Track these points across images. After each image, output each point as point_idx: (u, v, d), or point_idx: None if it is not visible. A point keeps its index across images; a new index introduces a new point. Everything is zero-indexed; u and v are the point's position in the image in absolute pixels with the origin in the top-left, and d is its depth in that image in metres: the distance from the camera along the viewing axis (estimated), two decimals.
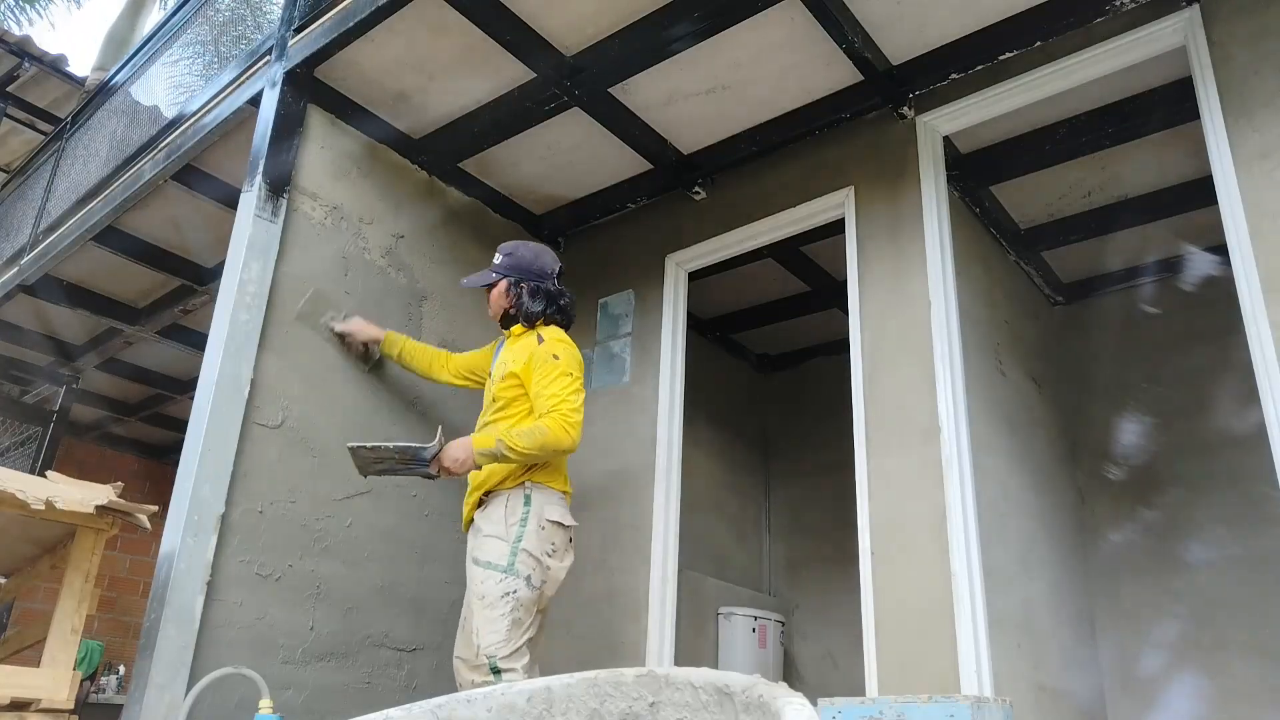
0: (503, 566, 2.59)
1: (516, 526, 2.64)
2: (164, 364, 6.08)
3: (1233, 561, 3.82)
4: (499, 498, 2.72)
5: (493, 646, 2.50)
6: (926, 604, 2.73)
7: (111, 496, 2.50)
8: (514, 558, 2.60)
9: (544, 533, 2.65)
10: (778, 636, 4.60)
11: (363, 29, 3.14)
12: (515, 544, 2.62)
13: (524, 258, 2.95)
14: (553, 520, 2.68)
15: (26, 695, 2.35)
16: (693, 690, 1.17)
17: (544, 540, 2.65)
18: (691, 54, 3.17)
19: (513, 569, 2.58)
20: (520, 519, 2.65)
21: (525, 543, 2.61)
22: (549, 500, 2.71)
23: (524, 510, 2.66)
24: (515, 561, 2.59)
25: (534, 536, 2.63)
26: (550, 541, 2.66)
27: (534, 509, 2.67)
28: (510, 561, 2.59)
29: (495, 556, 2.61)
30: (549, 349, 2.74)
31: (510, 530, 2.64)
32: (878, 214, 3.32)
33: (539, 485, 2.71)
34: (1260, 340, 2.40)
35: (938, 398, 2.93)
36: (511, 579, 2.57)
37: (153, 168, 4.07)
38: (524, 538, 2.62)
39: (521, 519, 2.65)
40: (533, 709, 1.35)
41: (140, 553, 6.89)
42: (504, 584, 2.56)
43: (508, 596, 2.55)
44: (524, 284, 2.91)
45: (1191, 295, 4.22)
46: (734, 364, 5.53)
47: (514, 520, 2.65)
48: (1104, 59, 2.96)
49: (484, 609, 2.56)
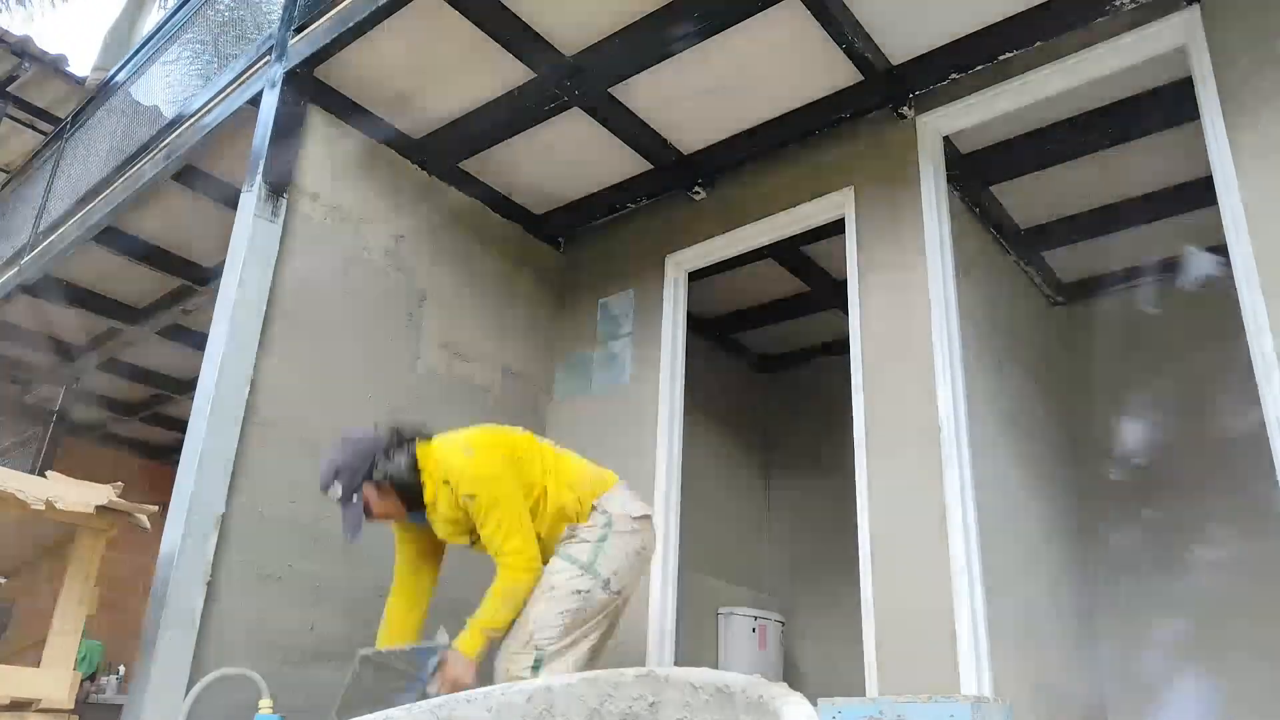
0: (584, 563, 2.48)
1: (601, 528, 2.53)
2: (164, 364, 6.08)
3: (1233, 561, 3.82)
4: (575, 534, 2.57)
5: (545, 634, 2.38)
6: (926, 604, 2.73)
7: (111, 496, 2.50)
8: (597, 556, 2.49)
9: (635, 536, 2.55)
10: (778, 636, 4.60)
11: (363, 29, 3.14)
12: (600, 543, 2.51)
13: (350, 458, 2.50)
14: (639, 515, 2.59)
15: (26, 695, 2.35)
16: (693, 690, 1.17)
17: (634, 542, 2.55)
18: (691, 54, 3.17)
19: (593, 569, 2.47)
20: (606, 521, 2.54)
21: (610, 545, 2.50)
22: (625, 499, 2.61)
23: (607, 516, 2.55)
24: (597, 561, 2.48)
25: (623, 540, 2.53)
26: (641, 540, 2.57)
27: (615, 513, 2.57)
28: (591, 560, 2.48)
29: (578, 552, 2.51)
30: (462, 491, 2.45)
31: (594, 532, 2.53)
32: (878, 214, 3.32)
33: (607, 494, 2.60)
34: (1260, 340, 2.40)
35: (938, 398, 2.93)
36: (587, 577, 2.46)
37: (153, 168, 4.07)
38: (610, 538, 2.51)
39: (607, 521, 2.54)
40: (533, 709, 1.35)
41: (140, 553, 6.86)
42: (578, 580, 2.45)
43: (579, 594, 2.44)
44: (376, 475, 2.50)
45: (1191, 295, 4.22)
46: (734, 364, 5.53)
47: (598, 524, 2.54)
48: (1104, 59, 2.96)
49: (544, 597, 2.43)
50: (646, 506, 2.66)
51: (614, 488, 2.66)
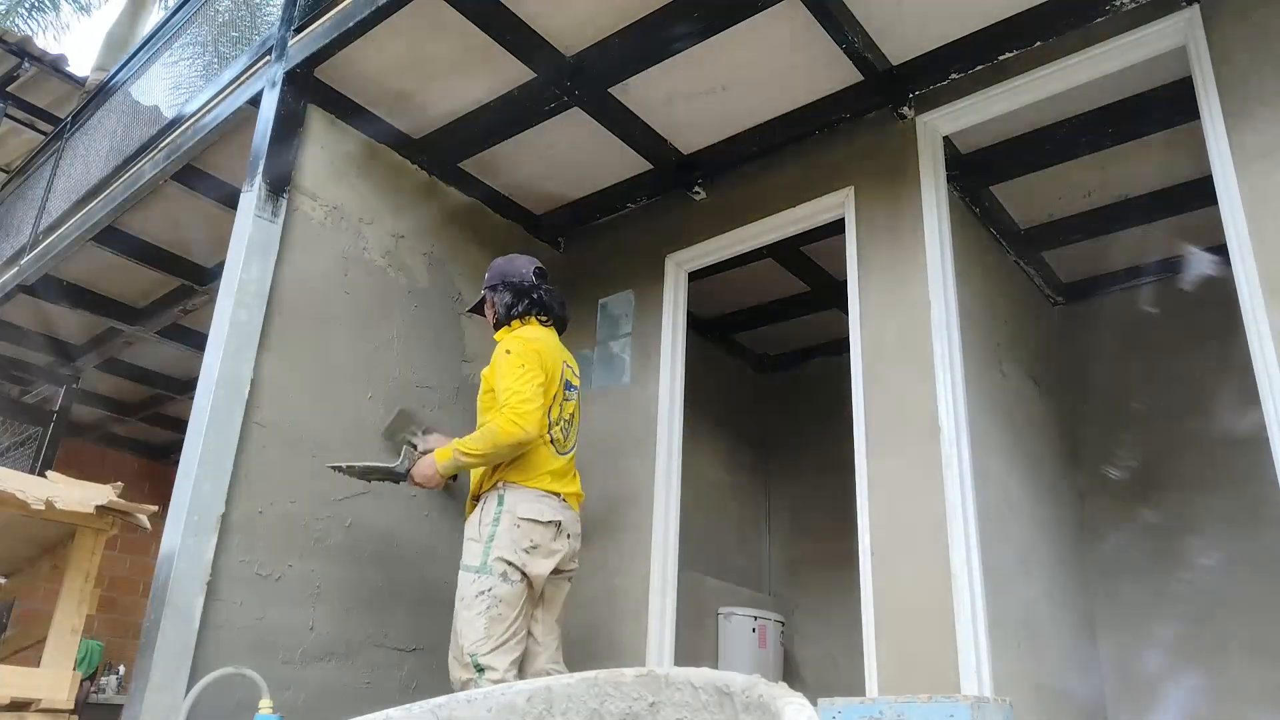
0: (476, 566, 2.65)
1: (490, 526, 2.69)
2: (164, 364, 6.08)
3: (1232, 561, 3.82)
4: (479, 502, 2.79)
5: (474, 644, 2.56)
6: (926, 604, 2.73)
7: (111, 496, 2.50)
8: (486, 557, 2.65)
9: (519, 530, 2.68)
10: (778, 636, 4.60)
11: (363, 29, 3.14)
12: (488, 543, 2.67)
13: (497, 267, 3.08)
14: (527, 518, 2.69)
15: (26, 695, 2.35)
16: (693, 690, 1.17)
17: (520, 538, 2.67)
18: (691, 54, 3.17)
19: (485, 568, 2.63)
20: (494, 518, 2.70)
21: (498, 542, 2.65)
22: (523, 498, 2.72)
23: (497, 510, 2.71)
24: (488, 560, 2.64)
25: (507, 535, 2.67)
26: (529, 538, 2.68)
27: (506, 507, 2.71)
28: (483, 561, 2.65)
29: (470, 558, 2.68)
30: (503, 347, 2.82)
31: (484, 530, 2.70)
32: (878, 214, 3.32)
33: (512, 485, 2.74)
34: (1260, 340, 2.40)
35: (938, 398, 2.93)
36: (485, 577, 2.62)
37: (153, 168, 4.07)
38: (496, 537, 2.66)
39: (495, 518, 2.70)
40: (533, 709, 1.35)
41: (140, 553, 6.89)
42: (478, 583, 2.62)
43: (483, 595, 2.60)
44: (497, 289, 3.02)
45: (1191, 295, 4.22)
46: (734, 364, 5.53)
47: (488, 521, 2.71)
48: (1104, 59, 2.96)
49: (463, 609, 2.63)
50: (546, 513, 2.73)
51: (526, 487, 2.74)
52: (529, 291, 3.00)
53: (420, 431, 3.25)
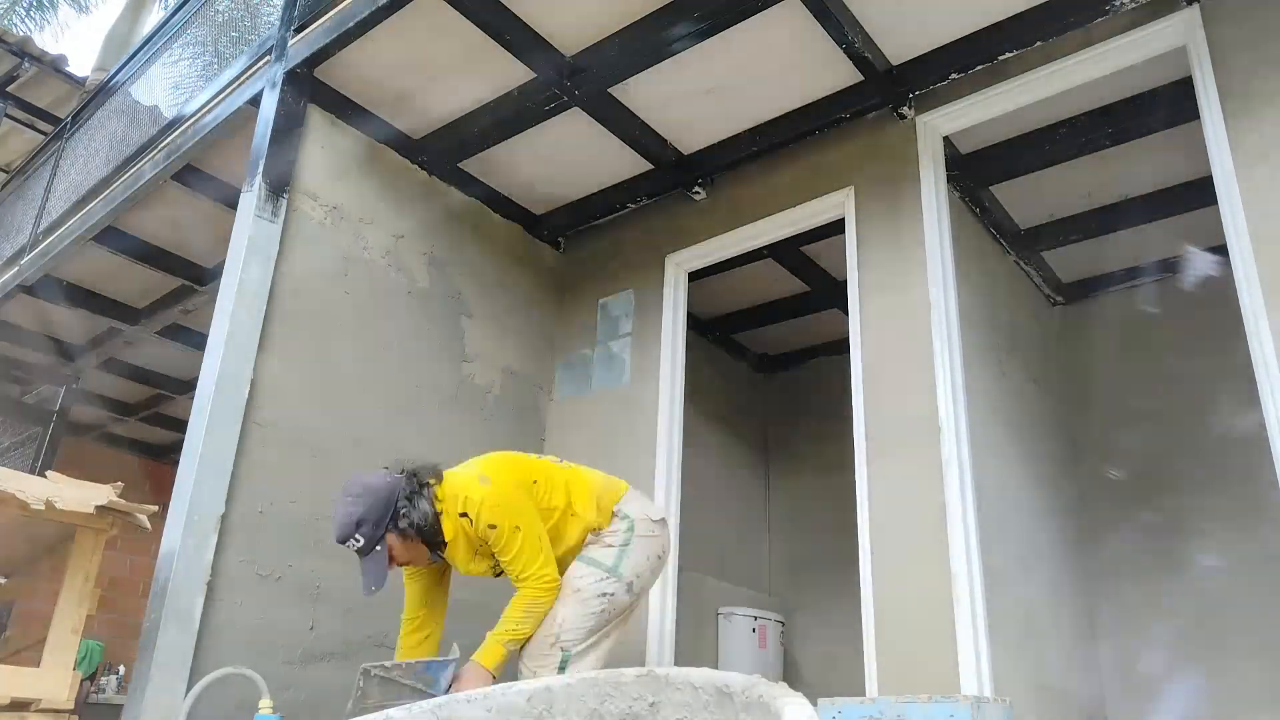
0: (608, 566, 2.56)
1: (624, 533, 2.61)
2: (164, 364, 6.08)
3: (1232, 562, 3.82)
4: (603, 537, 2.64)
5: (571, 634, 2.47)
6: (926, 604, 2.73)
7: (111, 496, 2.51)
8: (620, 560, 2.57)
9: (652, 540, 2.64)
10: (778, 636, 4.59)
11: (363, 29, 3.14)
12: (624, 547, 2.59)
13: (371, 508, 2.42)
14: (658, 518, 2.69)
15: (26, 695, 2.36)
16: (693, 690, 1.17)
17: (654, 545, 2.64)
18: (691, 54, 3.17)
19: (616, 572, 2.55)
20: (628, 525, 2.62)
21: (634, 549, 2.59)
22: (642, 503, 2.71)
23: (629, 521, 2.64)
24: (621, 564, 2.56)
25: (645, 543, 2.61)
26: (661, 546, 2.67)
27: (635, 517, 2.65)
28: (616, 563, 2.57)
29: (603, 557, 2.58)
30: (483, 522, 2.46)
31: (618, 537, 2.61)
32: (878, 214, 3.32)
33: (625, 498, 2.69)
34: (1260, 340, 2.40)
35: (938, 398, 2.93)
36: (614, 581, 2.54)
37: (153, 168, 4.07)
38: (633, 544, 2.60)
39: (629, 526, 2.62)
40: (533, 709, 1.35)
41: (140, 553, 6.88)
42: (604, 584, 2.53)
43: (604, 597, 2.52)
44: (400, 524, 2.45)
45: (1191, 295, 4.22)
46: (734, 364, 5.53)
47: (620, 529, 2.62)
48: (1104, 59, 2.96)
49: (575, 601, 2.50)
50: (662, 510, 2.76)
51: (630, 492, 2.74)
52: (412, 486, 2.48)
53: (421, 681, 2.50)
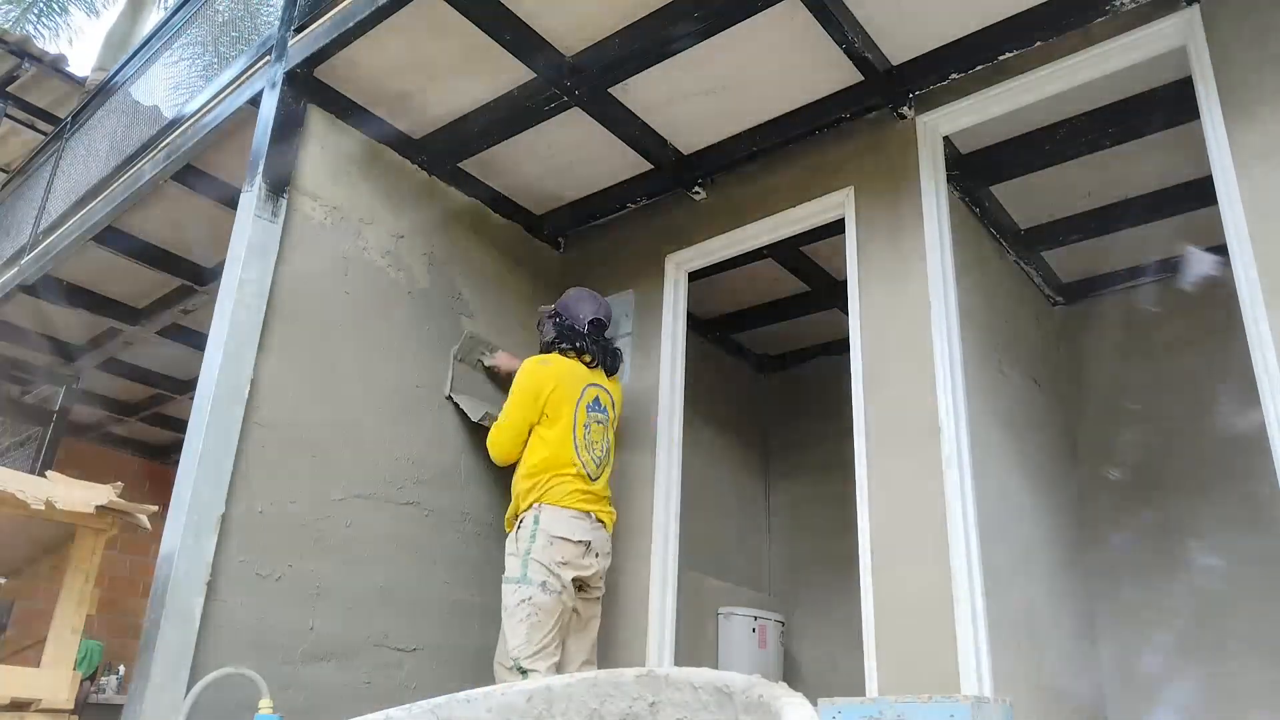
0: (517, 578, 2.96)
1: (527, 542, 3.01)
2: (164, 364, 6.08)
3: (1233, 561, 3.82)
4: (518, 521, 3.13)
5: (516, 650, 2.86)
6: (926, 604, 2.73)
7: (111, 496, 2.51)
8: (525, 569, 2.95)
9: (552, 548, 2.99)
10: (778, 636, 4.59)
11: (363, 29, 3.14)
12: (526, 556, 2.97)
13: (565, 300, 3.50)
14: (560, 536, 3.00)
15: (26, 695, 2.36)
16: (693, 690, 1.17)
17: (554, 553, 2.98)
18: (691, 54, 3.17)
19: (525, 578, 2.94)
20: (530, 535, 3.02)
21: (535, 554, 2.96)
22: (556, 518, 3.04)
23: (534, 528, 3.03)
24: (527, 571, 2.94)
25: (543, 550, 2.98)
26: (560, 555, 2.97)
27: (541, 526, 3.02)
28: (523, 573, 2.95)
29: (511, 571, 3.00)
30: (516, 376, 3.29)
31: (521, 546, 3.02)
32: (878, 214, 3.32)
33: (546, 505, 3.06)
34: (1260, 340, 2.40)
35: (938, 398, 2.93)
36: (525, 587, 2.92)
37: (153, 168, 4.07)
38: (532, 551, 2.97)
39: (531, 534, 3.02)
40: (533, 709, 1.35)
41: (140, 553, 6.89)
42: (519, 592, 2.92)
43: (524, 603, 2.89)
44: (551, 320, 3.44)
45: (1192, 295, 4.22)
46: (734, 364, 5.52)
47: (525, 537, 3.03)
48: (1104, 59, 2.96)
49: (507, 618, 2.94)
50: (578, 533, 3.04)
51: (559, 507, 3.05)
52: (572, 337, 3.36)
53: (488, 351, 3.78)
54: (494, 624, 3.14)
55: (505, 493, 3.69)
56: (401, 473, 3.38)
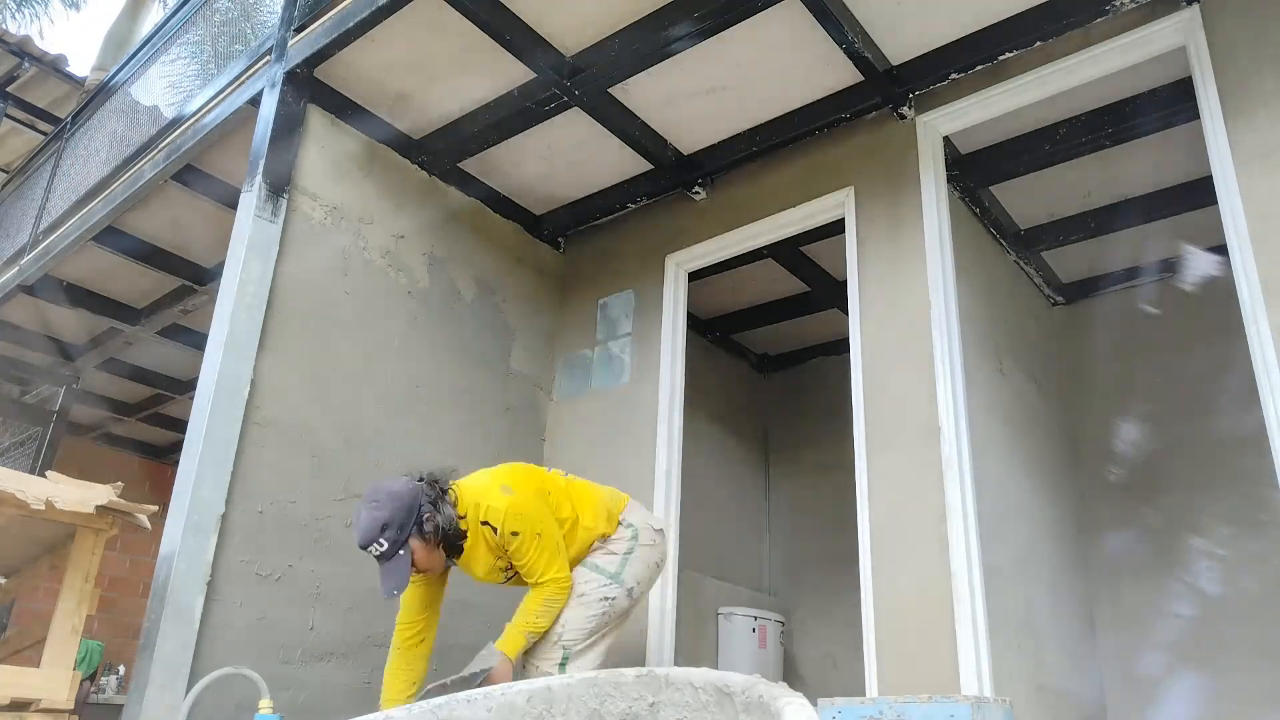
0: (610, 573, 2.68)
1: (629, 541, 2.74)
2: (164, 364, 6.08)
3: (1233, 562, 3.82)
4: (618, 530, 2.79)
5: (571, 632, 2.58)
6: (926, 604, 2.73)
7: (111, 496, 2.51)
8: (624, 569, 2.69)
9: (652, 549, 2.77)
10: (778, 636, 4.60)
11: (363, 29, 3.14)
12: (626, 556, 2.71)
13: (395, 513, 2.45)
14: (660, 528, 2.82)
15: (26, 695, 2.35)
16: (693, 690, 1.17)
17: (654, 553, 2.77)
18: (691, 54, 3.17)
19: (618, 578, 2.68)
20: (632, 534, 2.76)
21: (635, 557, 2.72)
22: (643, 514, 2.84)
23: (634, 529, 2.77)
24: (624, 572, 2.69)
25: (647, 551, 2.75)
26: (660, 554, 2.80)
27: (637, 526, 2.78)
28: (619, 570, 2.69)
29: (606, 563, 2.71)
30: (507, 529, 2.54)
31: (623, 545, 2.74)
32: (878, 214, 3.32)
33: (627, 510, 2.82)
34: (1260, 340, 2.40)
35: (938, 398, 2.93)
36: (615, 586, 2.67)
37: (153, 168, 4.07)
38: (635, 551, 2.73)
39: (633, 534, 2.75)
40: (533, 709, 1.35)
41: (140, 553, 6.89)
42: (607, 589, 2.65)
43: (606, 600, 2.64)
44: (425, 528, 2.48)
45: (1191, 295, 4.22)
46: (734, 364, 5.52)
47: (627, 536, 2.75)
48: (1104, 59, 2.96)
49: (579, 604, 2.61)
50: (662, 520, 2.90)
51: (631, 502, 2.88)
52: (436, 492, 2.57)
53: None
54: (494, 623, 3.11)
55: None
56: (402, 472, 3.38)
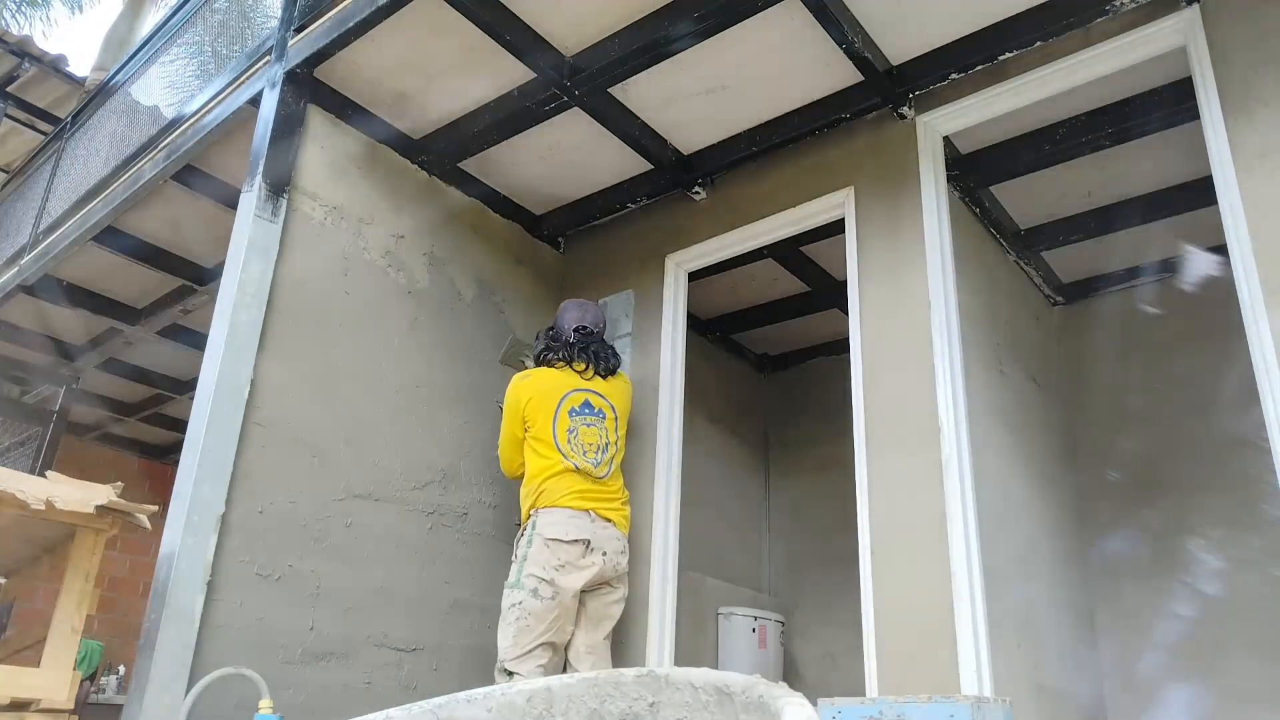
0: (511, 582, 3.00)
1: (524, 547, 3.04)
2: (164, 364, 6.08)
3: (1233, 562, 3.82)
4: (520, 527, 3.18)
5: (503, 651, 2.91)
6: (926, 604, 2.73)
7: (111, 496, 2.51)
8: (520, 574, 2.98)
9: (548, 551, 2.99)
10: (778, 636, 4.59)
11: (363, 29, 3.14)
12: (522, 562, 3.00)
13: (558, 311, 3.56)
14: (553, 538, 3.00)
15: (26, 695, 2.36)
16: (693, 690, 1.17)
17: (550, 557, 2.98)
18: (691, 54, 3.17)
19: (518, 584, 2.97)
20: (527, 540, 3.04)
21: (530, 561, 2.98)
22: (550, 520, 3.04)
23: (530, 533, 3.05)
24: (521, 577, 2.97)
25: (538, 555, 2.99)
26: (557, 557, 2.98)
27: (537, 530, 3.03)
28: (517, 578, 2.99)
29: (510, 575, 3.04)
30: None
31: (519, 551, 3.06)
32: (878, 214, 3.32)
33: (542, 509, 3.08)
34: (1260, 340, 2.40)
35: (938, 398, 2.93)
36: (518, 592, 2.95)
37: (153, 168, 4.07)
38: (529, 557, 2.99)
39: (528, 540, 3.04)
40: (533, 709, 1.35)
41: (140, 553, 6.89)
42: (511, 597, 2.97)
43: (514, 608, 2.94)
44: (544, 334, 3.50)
45: (1191, 295, 4.22)
46: (734, 364, 5.52)
47: (523, 542, 3.06)
48: (1104, 59, 2.96)
49: (500, 621, 2.98)
50: (574, 533, 3.03)
51: (554, 509, 3.06)
52: (556, 347, 3.39)
53: (529, 353, 3.73)
54: (494, 624, 3.14)
55: (505, 492, 3.69)
56: (401, 472, 3.39)
